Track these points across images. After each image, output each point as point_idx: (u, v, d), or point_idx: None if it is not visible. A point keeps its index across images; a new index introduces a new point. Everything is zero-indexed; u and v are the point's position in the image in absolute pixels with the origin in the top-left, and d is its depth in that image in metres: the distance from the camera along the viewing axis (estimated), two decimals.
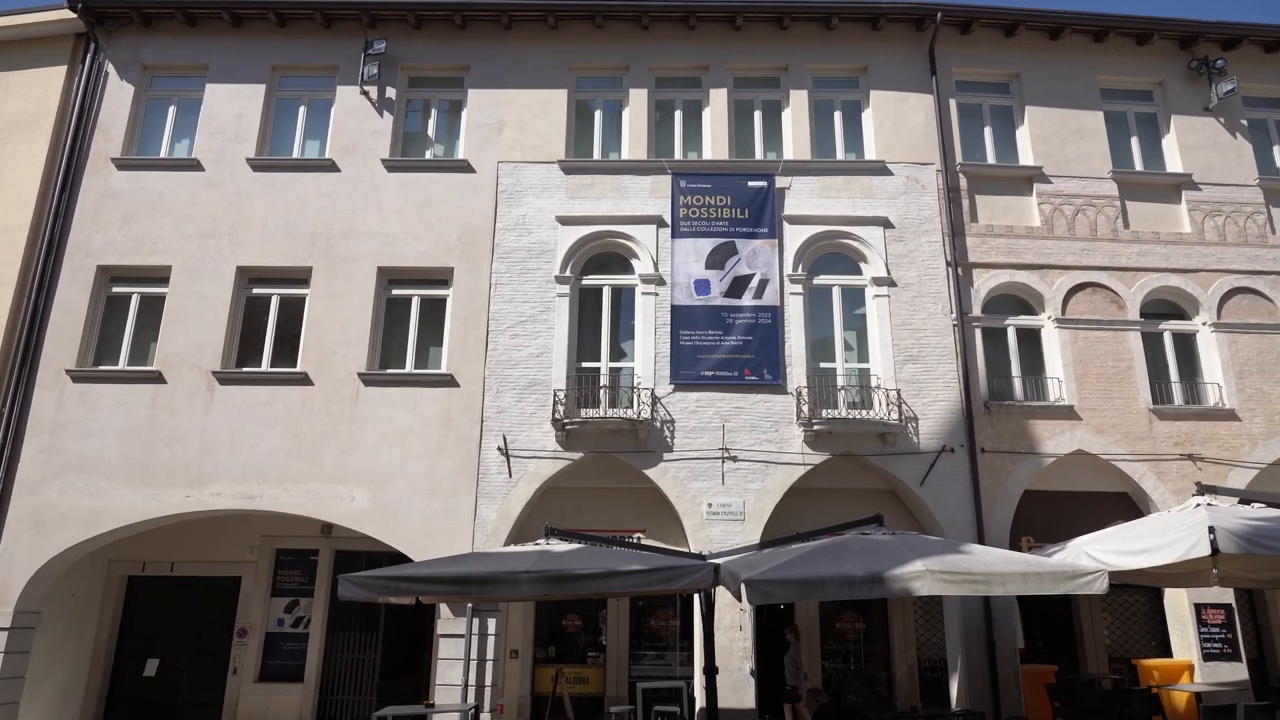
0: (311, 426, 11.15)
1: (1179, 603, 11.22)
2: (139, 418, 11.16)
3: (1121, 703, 9.99)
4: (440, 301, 11.99)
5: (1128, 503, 11.47)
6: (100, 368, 11.55)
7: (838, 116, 13.00)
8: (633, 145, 12.63)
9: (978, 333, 11.83)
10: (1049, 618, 12.49)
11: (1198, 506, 7.80)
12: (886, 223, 12.19)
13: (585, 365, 11.77)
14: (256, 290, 11.99)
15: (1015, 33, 12.99)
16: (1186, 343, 12.21)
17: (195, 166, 12.32)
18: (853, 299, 12.18)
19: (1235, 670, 10.76)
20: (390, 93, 12.75)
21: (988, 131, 12.95)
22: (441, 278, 12.03)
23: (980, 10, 12.78)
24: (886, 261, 12.02)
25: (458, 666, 10.41)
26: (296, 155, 12.61)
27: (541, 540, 8.29)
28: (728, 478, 11.10)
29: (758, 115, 12.98)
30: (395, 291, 12.02)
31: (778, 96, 13.04)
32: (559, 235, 12.08)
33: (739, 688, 10.38)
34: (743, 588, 6.45)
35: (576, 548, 7.91)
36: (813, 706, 11.76)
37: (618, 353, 11.96)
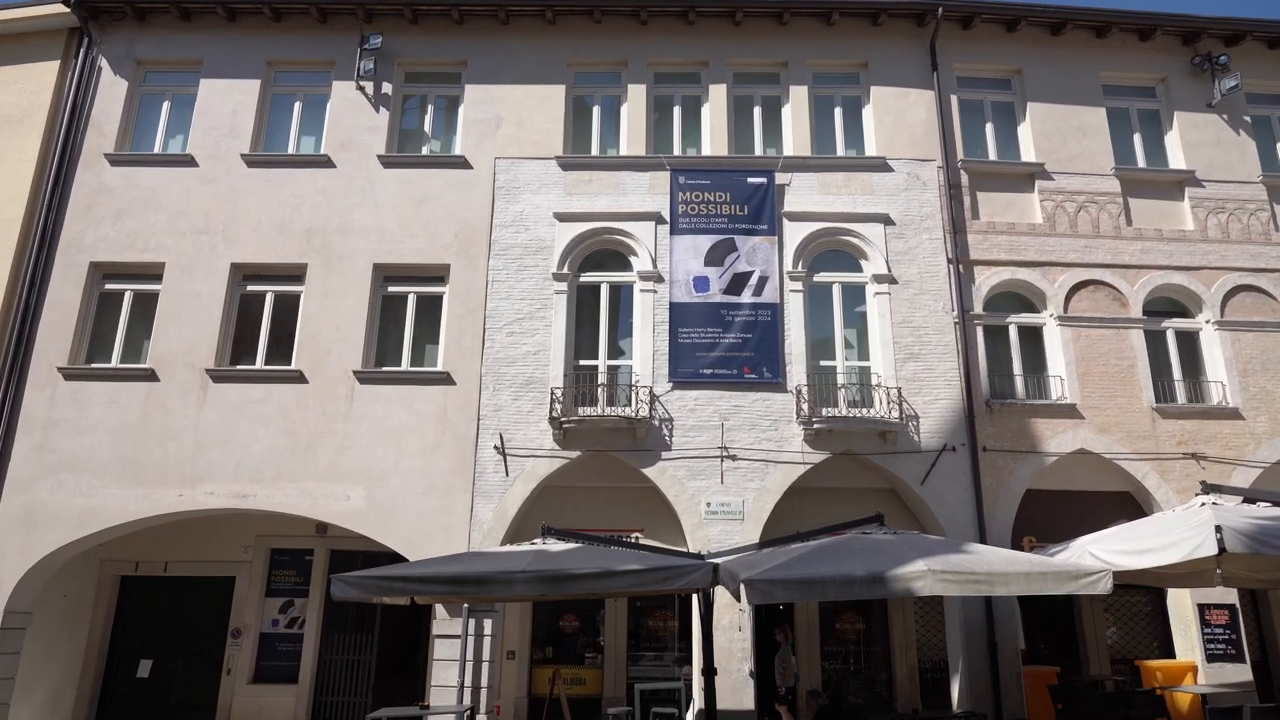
0: (306, 425, 11.04)
1: (1182, 603, 11.14)
2: (131, 416, 11.05)
3: (1125, 704, 9.90)
4: (436, 299, 11.87)
5: (1130, 502, 11.37)
6: (92, 365, 11.43)
7: (838, 112, 12.90)
8: (631, 141, 12.52)
9: (979, 330, 11.73)
10: (1050, 619, 12.38)
11: (1203, 505, 7.70)
12: (887, 219, 12.09)
13: (583, 363, 11.67)
14: (251, 287, 11.87)
15: (1017, 28, 12.89)
16: (1189, 341, 12.11)
17: (189, 162, 12.21)
18: (853, 296, 12.08)
19: (1239, 671, 10.66)
20: (386, 88, 12.64)
21: (989, 128, 12.85)
22: (438, 275, 11.92)
23: (982, 5, 12.69)
24: (887, 258, 11.92)
25: (453, 668, 10.31)
26: (292, 151, 12.49)
27: (538, 540, 8.21)
28: (727, 477, 11.00)
29: (757, 111, 12.87)
30: (391, 289, 11.91)
31: (777, 92, 12.93)
32: (556, 232, 11.97)
33: (738, 689, 10.28)
34: (742, 587, 6.38)
35: (573, 547, 7.82)
36: (813, 708, 11.65)
37: (616, 350, 11.85)
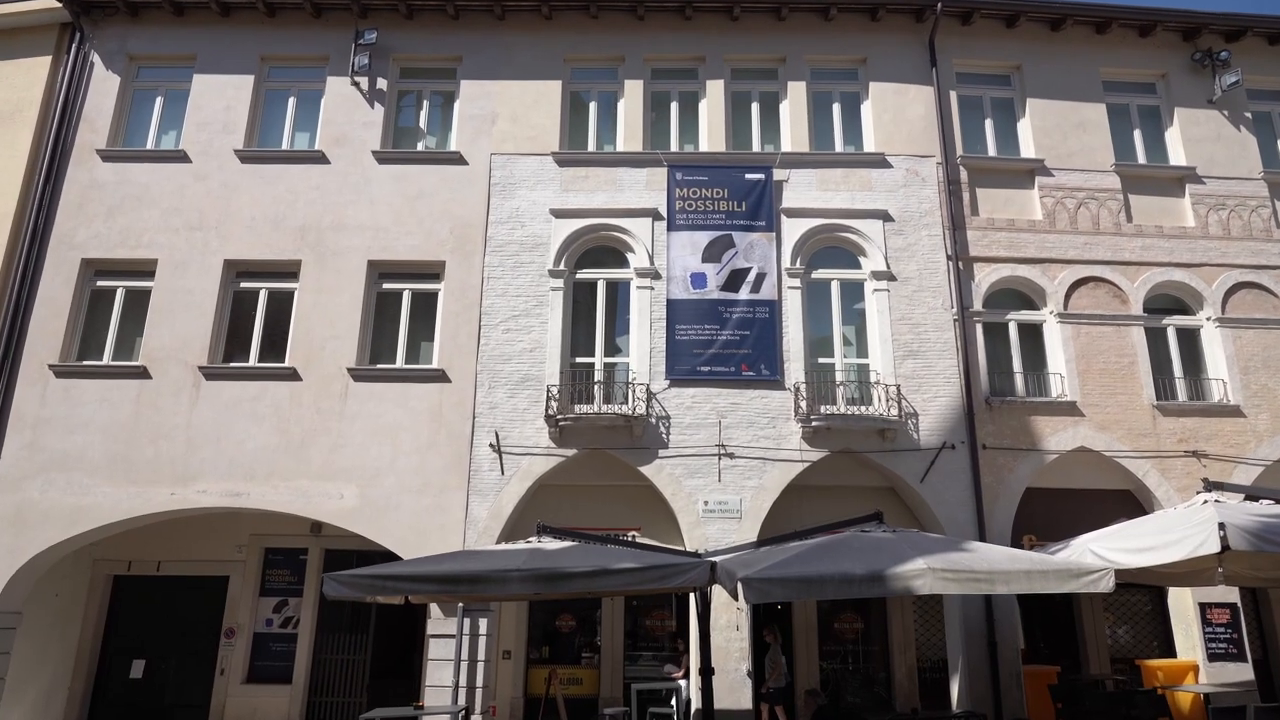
0: (300, 423, 10.95)
1: (1183, 602, 11.08)
2: (123, 414, 10.94)
3: (1127, 704, 9.82)
4: (432, 296, 11.77)
5: (1131, 500, 11.30)
6: (84, 363, 11.32)
7: (836, 108, 12.81)
8: (628, 137, 12.43)
9: (979, 328, 11.65)
10: (1050, 618, 12.30)
11: (1205, 503, 7.62)
12: (886, 216, 12.00)
13: (579, 360, 11.57)
14: (244, 284, 11.77)
15: (1016, 24, 12.81)
16: (1190, 338, 12.03)
17: (182, 158, 12.10)
18: (852, 293, 11.99)
19: (1241, 671, 10.60)
20: (381, 84, 12.54)
21: (989, 124, 12.77)
22: (433, 271, 11.82)
23: (981, 1, 12.60)
24: (886, 255, 11.83)
25: (448, 668, 10.21)
26: (285, 147, 12.39)
27: (534, 538, 8.13)
28: (724, 475, 10.91)
29: (755, 107, 12.79)
30: (386, 285, 11.81)
31: (775, 88, 12.85)
32: (553, 228, 11.87)
33: (735, 689, 10.20)
34: (739, 586, 6.30)
35: (569, 545, 7.74)
36: (811, 707, 11.57)
37: (612, 348, 11.76)
